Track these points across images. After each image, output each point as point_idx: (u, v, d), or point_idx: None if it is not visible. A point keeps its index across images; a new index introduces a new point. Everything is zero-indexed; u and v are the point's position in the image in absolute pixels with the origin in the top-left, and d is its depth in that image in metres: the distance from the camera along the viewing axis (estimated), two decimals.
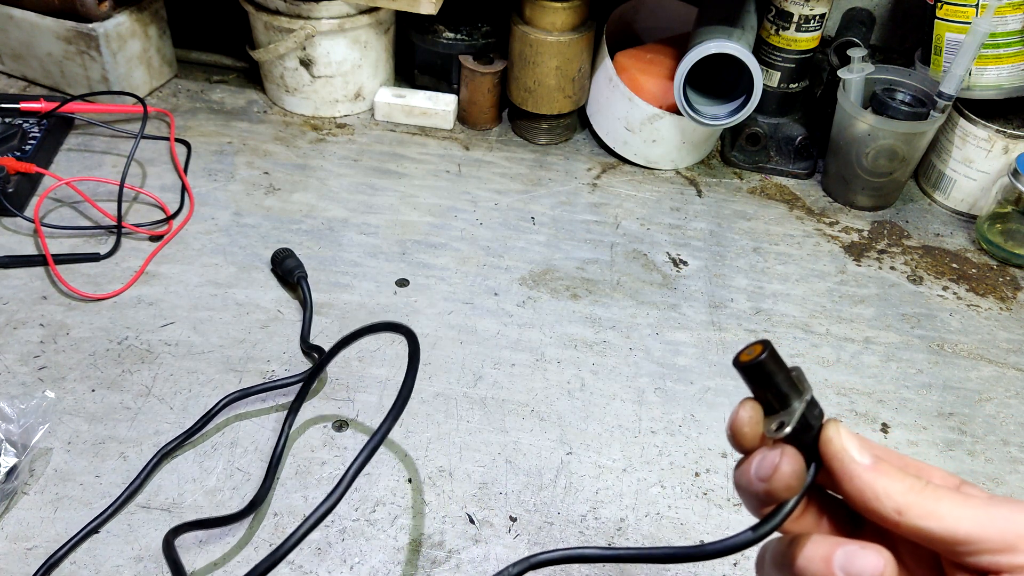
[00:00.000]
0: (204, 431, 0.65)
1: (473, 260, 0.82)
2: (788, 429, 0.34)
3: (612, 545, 0.59)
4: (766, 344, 0.34)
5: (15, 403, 0.61)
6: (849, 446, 0.34)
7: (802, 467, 0.35)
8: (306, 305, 0.74)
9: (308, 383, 0.66)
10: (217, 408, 0.65)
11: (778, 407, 0.35)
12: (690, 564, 0.59)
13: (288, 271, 0.76)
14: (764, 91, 0.89)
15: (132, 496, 0.60)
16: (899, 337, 0.79)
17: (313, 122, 0.98)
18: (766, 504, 0.36)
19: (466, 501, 0.62)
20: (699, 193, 0.94)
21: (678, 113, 0.89)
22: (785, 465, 0.35)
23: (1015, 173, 0.85)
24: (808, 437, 0.35)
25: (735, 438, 0.36)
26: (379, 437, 0.51)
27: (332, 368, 0.70)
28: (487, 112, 0.99)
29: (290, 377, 0.68)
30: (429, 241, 0.84)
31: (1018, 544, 0.31)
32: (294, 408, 0.66)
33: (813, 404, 0.35)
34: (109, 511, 0.59)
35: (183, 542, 0.58)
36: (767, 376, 0.35)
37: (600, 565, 0.59)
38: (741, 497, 0.37)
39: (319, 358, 0.70)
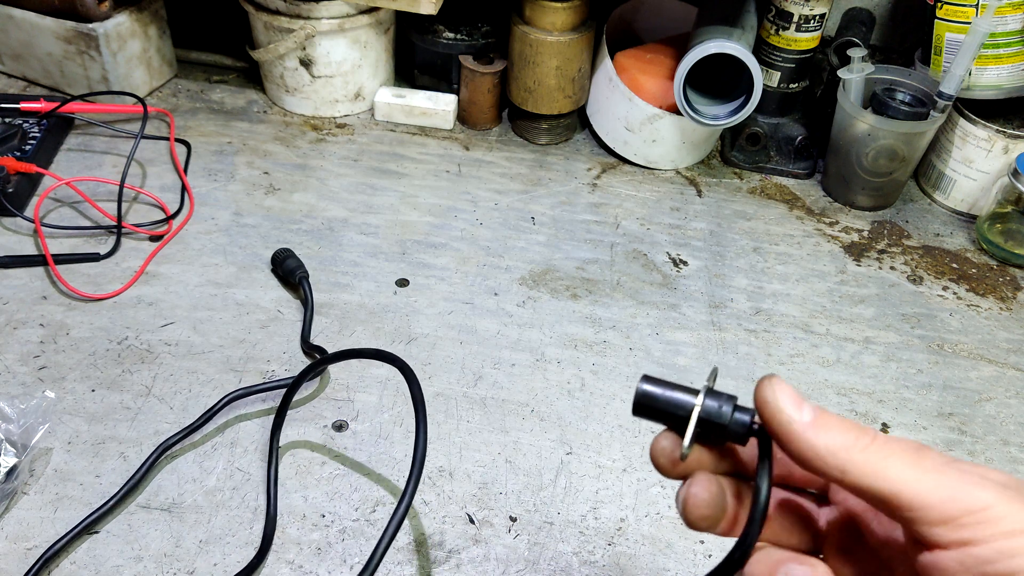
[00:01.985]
0: (205, 431, 0.65)
1: (473, 260, 0.82)
2: (686, 443, 0.33)
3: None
4: (641, 378, 0.34)
5: (15, 403, 0.61)
6: (785, 405, 0.31)
7: (713, 492, 0.33)
8: (307, 305, 0.74)
9: (291, 391, 0.65)
10: (218, 406, 0.65)
11: (685, 425, 0.33)
12: (690, 564, 0.59)
13: (289, 271, 0.76)
14: (764, 91, 0.89)
15: (132, 492, 0.60)
16: (899, 337, 0.79)
17: (313, 122, 0.98)
18: (713, 528, 0.35)
19: (466, 501, 0.62)
20: (699, 193, 0.94)
21: (678, 113, 0.89)
22: (692, 496, 0.33)
23: (1015, 173, 0.85)
24: (738, 426, 0.33)
25: (661, 471, 0.35)
26: (406, 503, 0.52)
27: (332, 368, 0.70)
28: (487, 112, 0.99)
29: (291, 378, 0.68)
30: (429, 241, 0.84)
31: (959, 518, 0.28)
32: (277, 424, 0.64)
33: (713, 396, 0.33)
34: (107, 506, 0.59)
35: (188, 555, 0.58)
36: (650, 407, 0.34)
37: (600, 564, 0.59)
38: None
39: (315, 363, 0.70)
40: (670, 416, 0.34)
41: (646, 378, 0.34)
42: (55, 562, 0.56)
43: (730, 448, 0.36)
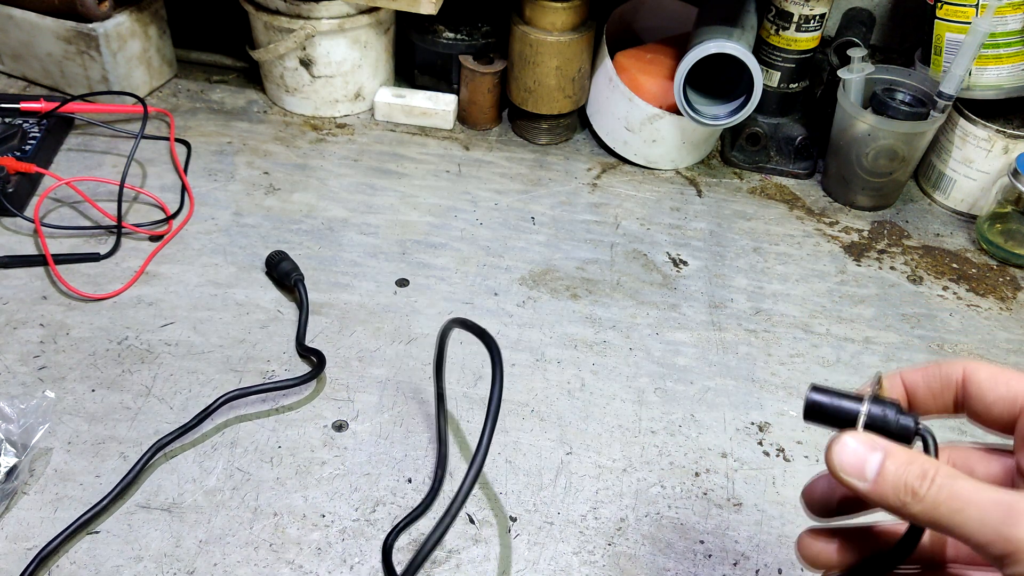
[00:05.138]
0: (204, 431, 0.65)
1: (473, 260, 0.82)
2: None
3: None
4: (809, 388, 0.37)
5: (15, 403, 0.61)
6: (847, 475, 0.35)
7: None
8: (302, 308, 0.74)
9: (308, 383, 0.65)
10: (214, 406, 0.65)
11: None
12: (690, 564, 0.59)
13: (284, 274, 0.76)
14: (764, 91, 0.89)
15: (127, 490, 0.60)
16: (899, 337, 0.79)
17: (313, 122, 0.98)
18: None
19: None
20: (699, 193, 0.94)
21: (678, 113, 0.89)
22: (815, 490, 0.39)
23: (1015, 173, 0.85)
24: (902, 430, 0.35)
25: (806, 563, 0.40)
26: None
27: (332, 368, 0.70)
28: (487, 112, 0.99)
29: (291, 379, 0.68)
30: (429, 241, 0.84)
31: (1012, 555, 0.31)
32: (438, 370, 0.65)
33: (877, 402, 0.36)
34: (102, 505, 0.58)
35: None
36: (819, 414, 0.37)
37: (600, 564, 0.59)
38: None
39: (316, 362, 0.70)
40: (838, 421, 0.37)
41: (814, 388, 0.37)
42: (54, 562, 0.56)
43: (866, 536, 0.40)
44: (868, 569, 0.38)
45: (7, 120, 0.87)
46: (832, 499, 0.40)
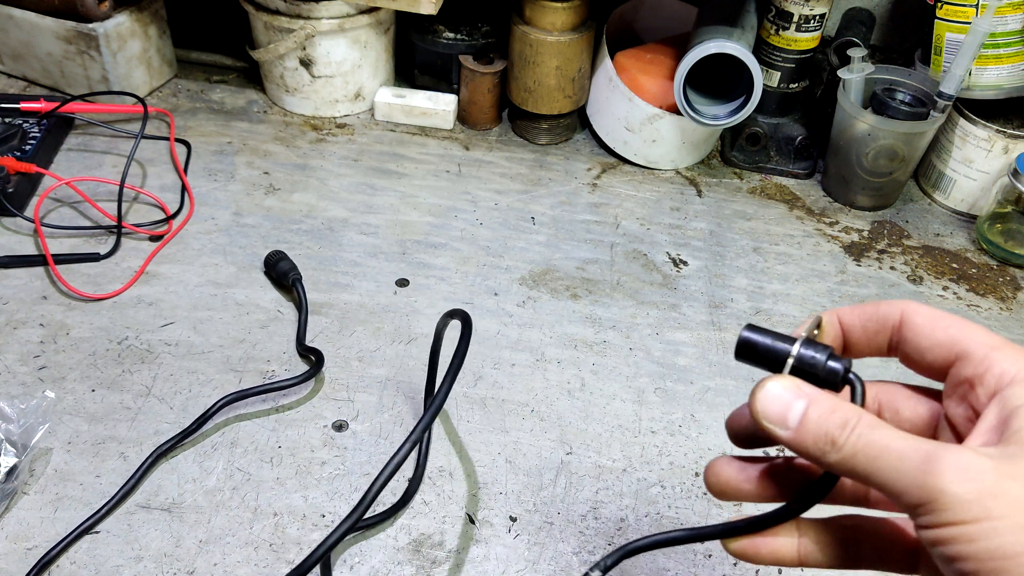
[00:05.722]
0: (204, 431, 0.65)
1: (473, 260, 0.82)
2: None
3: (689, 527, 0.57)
4: (745, 327, 0.37)
5: (15, 403, 0.61)
6: (770, 422, 0.34)
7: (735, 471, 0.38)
8: (301, 307, 0.74)
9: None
10: (214, 409, 0.65)
11: (780, 371, 0.36)
12: (690, 564, 0.59)
13: (283, 274, 0.76)
14: (764, 91, 0.89)
15: (129, 495, 0.60)
16: None
17: (313, 122, 0.98)
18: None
19: (466, 501, 0.62)
20: (699, 193, 0.94)
21: (678, 113, 0.89)
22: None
23: (1015, 173, 0.85)
24: (830, 374, 0.35)
25: (712, 491, 0.39)
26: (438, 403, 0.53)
27: (332, 368, 0.70)
28: (487, 112, 0.99)
29: (290, 378, 0.68)
30: (429, 241, 0.84)
31: (924, 505, 0.30)
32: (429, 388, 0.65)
33: (809, 345, 0.35)
34: (105, 509, 0.59)
35: (175, 542, 0.58)
36: (750, 352, 0.36)
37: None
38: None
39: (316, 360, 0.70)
40: (768, 361, 0.36)
41: (749, 326, 0.37)
42: (55, 562, 0.56)
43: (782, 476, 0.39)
44: (781, 512, 0.37)
45: (7, 120, 0.87)
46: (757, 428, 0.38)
